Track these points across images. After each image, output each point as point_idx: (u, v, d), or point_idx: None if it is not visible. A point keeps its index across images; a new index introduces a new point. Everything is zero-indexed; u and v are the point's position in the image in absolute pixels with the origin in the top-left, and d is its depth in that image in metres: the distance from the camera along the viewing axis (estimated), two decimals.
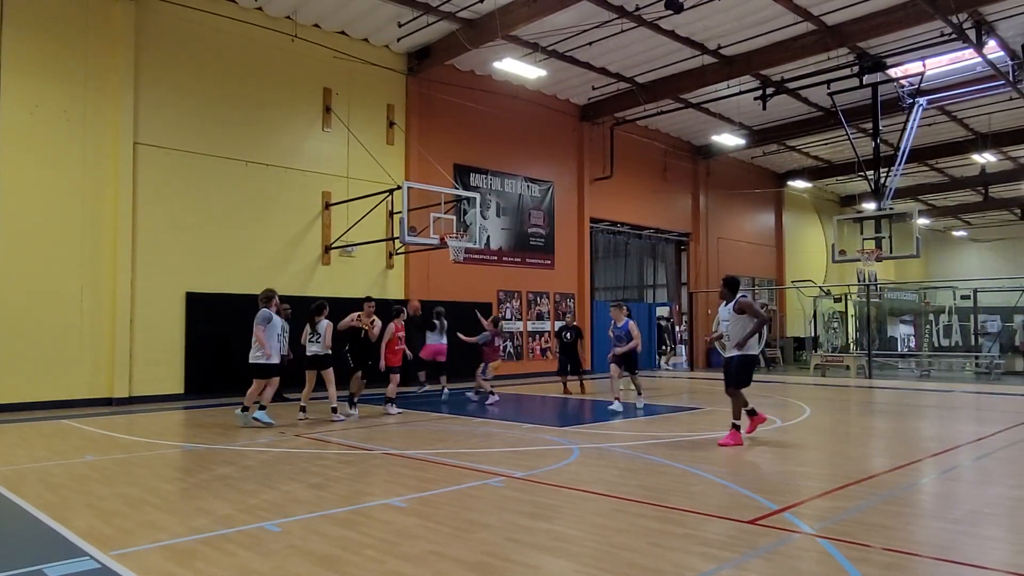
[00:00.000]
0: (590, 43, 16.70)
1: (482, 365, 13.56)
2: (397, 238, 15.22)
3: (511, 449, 8.13)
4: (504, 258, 19.35)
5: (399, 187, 14.21)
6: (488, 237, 18.83)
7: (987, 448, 8.26)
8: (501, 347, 14.11)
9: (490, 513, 5.29)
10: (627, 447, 8.17)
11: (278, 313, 10.48)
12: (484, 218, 18.55)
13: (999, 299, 26.66)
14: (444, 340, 13.92)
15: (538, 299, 20.07)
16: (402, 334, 11.56)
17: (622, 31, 16.00)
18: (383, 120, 16.99)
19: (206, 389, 13.80)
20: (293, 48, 15.34)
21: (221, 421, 10.65)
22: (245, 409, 9.90)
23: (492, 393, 13.08)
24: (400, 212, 13.84)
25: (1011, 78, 17.34)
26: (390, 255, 16.96)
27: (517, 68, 16.58)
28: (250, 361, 9.91)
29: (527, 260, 19.91)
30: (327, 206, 15.85)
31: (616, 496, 5.79)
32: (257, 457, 7.65)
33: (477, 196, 15.79)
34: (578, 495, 5.88)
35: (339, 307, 15.48)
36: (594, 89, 19.99)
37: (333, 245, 15.82)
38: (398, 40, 16.49)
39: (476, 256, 18.07)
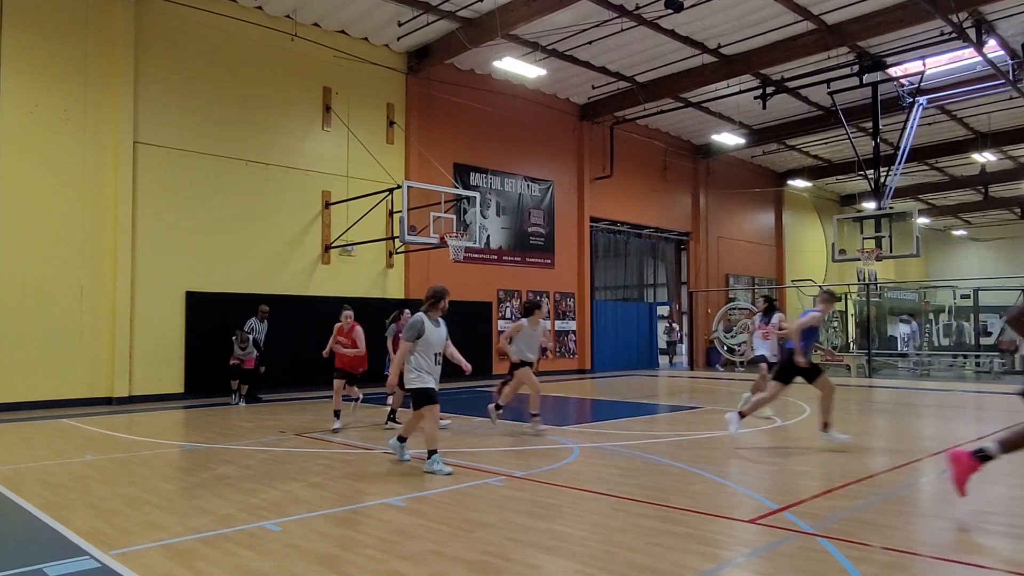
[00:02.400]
0: (590, 42, 16.70)
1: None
2: (397, 237, 15.23)
3: (511, 448, 8.13)
4: (504, 257, 19.35)
5: (399, 186, 14.22)
6: (488, 236, 18.83)
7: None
8: None
9: (490, 512, 5.28)
10: (627, 446, 8.17)
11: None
12: (484, 217, 18.56)
13: (999, 298, 26.67)
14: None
15: (538, 299, 20.05)
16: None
17: (622, 30, 16.00)
18: (383, 119, 17.00)
19: (206, 388, 13.81)
20: (293, 47, 15.34)
21: (221, 420, 10.66)
22: (403, 440, 7.37)
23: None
24: (400, 211, 13.84)
25: (1011, 77, 17.33)
26: (390, 254, 16.97)
27: (517, 67, 16.58)
28: (407, 385, 7.11)
29: (527, 259, 19.91)
30: (327, 205, 15.86)
31: (616, 495, 5.79)
32: (257, 456, 7.65)
33: (477, 195, 15.79)
34: (578, 494, 5.88)
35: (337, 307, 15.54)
36: (594, 88, 19.99)
37: (333, 244, 15.82)
38: (398, 39, 16.49)
39: (476, 255, 18.07)
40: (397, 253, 16.94)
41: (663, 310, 27.27)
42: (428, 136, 17.64)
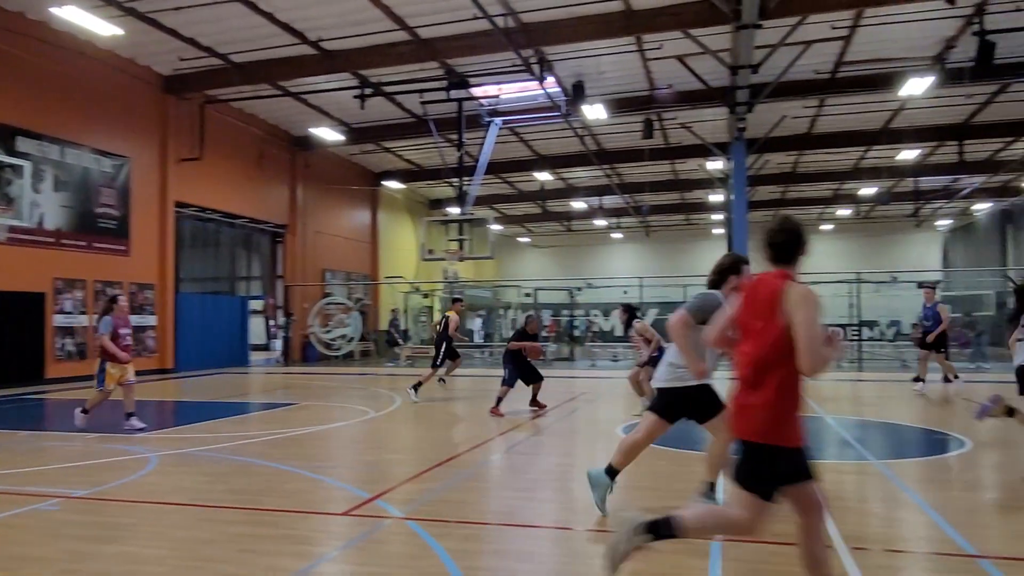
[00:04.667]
0: (177, 8, 15.12)
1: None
2: None
3: (70, 464, 6.93)
4: (64, 240, 16.44)
5: None
6: (42, 215, 15.80)
7: (542, 425, 9.68)
8: (125, 338, 9.47)
9: (42, 544, 4.41)
10: (215, 450, 7.59)
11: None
12: (37, 192, 15.53)
13: (555, 297, 31.98)
14: None
15: (107, 290, 17.53)
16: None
17: (216, 3, 14.86)
18: None
19: None
20: None
21: None
22: (712, 489, 5.06)
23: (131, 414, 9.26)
24: None
25: (563, 111, 20.64)
26: None
27: (83, 19, 14.01)
28: (662, 383, 5.04)
29: (94, 244, 17.24)
30: None
31: (201, 504, 5.33)
32: None
33: (28, 164, 13.12)
34: (157, 508, 5.26)
35: None
36: (181, 60, 18.17)
37: None
38: None
39: (24, 236, 15.05)
40: None
41: (257, 304, 26.24)
42: None
